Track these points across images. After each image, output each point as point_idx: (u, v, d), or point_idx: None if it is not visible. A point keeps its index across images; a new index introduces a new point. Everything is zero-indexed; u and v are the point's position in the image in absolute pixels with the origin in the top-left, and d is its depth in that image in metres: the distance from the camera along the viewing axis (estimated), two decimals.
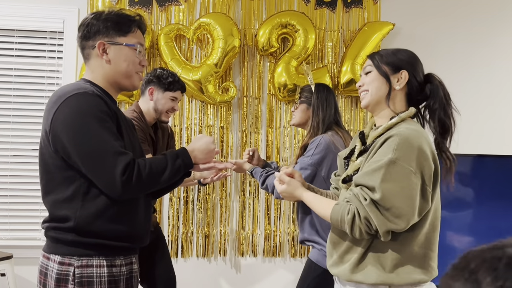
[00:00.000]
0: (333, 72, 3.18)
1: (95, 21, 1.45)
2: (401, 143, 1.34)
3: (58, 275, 1.36)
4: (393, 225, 1.32)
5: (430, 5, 3.27)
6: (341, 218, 1.37)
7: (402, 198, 1.32)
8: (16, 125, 3.11)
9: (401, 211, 1.32)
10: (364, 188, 1.36)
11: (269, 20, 3.07)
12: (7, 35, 3.11)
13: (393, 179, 1.32)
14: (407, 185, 1.32)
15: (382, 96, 1.49)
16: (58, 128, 1.36)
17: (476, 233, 2.94)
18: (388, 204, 1.31)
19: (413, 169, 1.33)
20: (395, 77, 1.48)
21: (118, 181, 1.31)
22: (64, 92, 1.39)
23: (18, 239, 3.07)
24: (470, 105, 3.25)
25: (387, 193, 1.31)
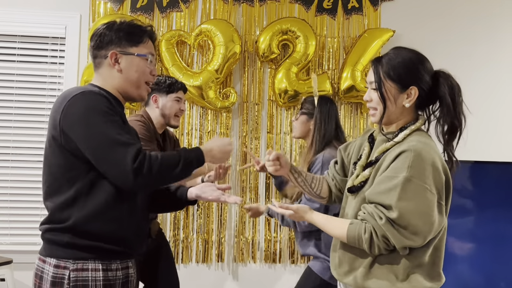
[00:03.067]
0: (333, 78, 3.19)
1: (108, 31, 1.48)
2: (415, 160, 1.32)
3: (53, 278, 1.36)
4: (410, 241, 1.33)
5: (430, 13, 3.28)
6: (358, 237, 1.37)
7: (418, 216, 1.31)
8: (18, 130, 3.12)
9: (418, 229, 1.32)
10: (379, 206, 1.35)
11: (269, 26, 3.09)
12: (9, 40, 3.13)
13: (409, 198, 1.31)
14: (423, 203, 1.32)
15: (392, 113, 1.45)
16: (67, 125, 1.36)
17: (477, 240, 2.93)
18: (404, 222, 1.31)
19: (428, 186, 1.32)
20: (404, 95, 1.43)
21: (130, 169, 1.30)
22: (70, 92, 1.42)
23: (18, 244, 3.07)
24: (470, 111, 3.25)
25: (403, 212, 1.31)
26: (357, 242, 1.38)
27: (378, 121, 1.47)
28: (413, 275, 1.39)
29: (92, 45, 1.51)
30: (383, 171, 1.38)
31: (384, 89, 1.43)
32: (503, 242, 2.92)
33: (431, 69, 1.49)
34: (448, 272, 2.87)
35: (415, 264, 1.39)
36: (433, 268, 1.42)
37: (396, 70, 1.43)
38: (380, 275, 1.40)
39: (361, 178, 1.46)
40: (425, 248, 1.39)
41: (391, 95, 1.43)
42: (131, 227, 1.44)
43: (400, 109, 1.45)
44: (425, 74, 1.46)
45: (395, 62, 1.44)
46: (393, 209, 1.32)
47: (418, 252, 1.39)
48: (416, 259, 1.39)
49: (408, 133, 1.42)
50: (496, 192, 2.95)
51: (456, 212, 2.93)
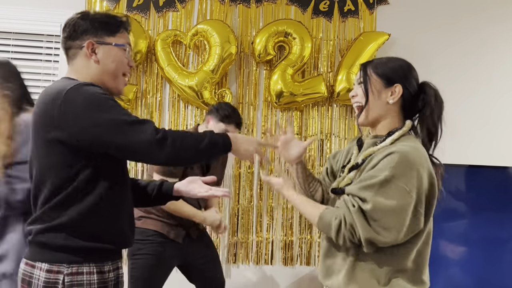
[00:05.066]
0: (328, 80, 3.20)
1: (82, 21, 1.43)
2: (400, 161, 1.33)
3: (45, 283, 1.31)
4: (378, 235, 1.32)
5: (426, 16, 3.30)
6: (329, 223, 1.38)
7: (391, 214, 1.31)
8: None
9: (388, 225, 1.32)
10: (355, 197, 1.36)
11: (266, 28, 3.09)
12: (3, 37, 3.11)
13: (386, 196, 1.32)
14: (399, 204, 1.32)
15: (375, 108, 1.48)
16: (69, 121, 1.30)
17: (469, 244, 2.94)
18: (376, 216, 1.32)
19: (408, 189, 1.32)
20: (388, 91, 1.47)
21: (154, 141, 1.28)
22: (59, 88, 1.34)
23: None
24: (465, 115, 3.27)
25: (377, 206, 1.32)
26: (326, 228, 1.39)
27: (363, 120, 1.49)
28: (395, 279, 1.38)
29: (66, 36, 1.45)
30: (367, 171, 1.39)
31: (369, 83, 1.47)
32: (496, 246, 2.93)
33: (418, 78, 1.54)
34: (440, 275, 2.89)
35: (397, 268, 1.39)
36: (416, 274, 1.41)
37: (383, 68, 1.48)
38: (361, 280, 1.39)
39: (347, 181, 1.46)
40: (407, 253, 1.39)
41: (375, 89, 1.46)
42: (126, 220, 1.44)
43: (383, 106, 1.47)
44: (411, 78, 1.50)
45: (384, 61, 1.52)
46: (368, 202, 1.32)
47: (400, 256, 1.39)
48: (399, 264, 1.39)
49: (396, 138, 1.43)
50: (490, 196, 2.96)
51: (450, 215, 2.95)
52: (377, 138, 1.49)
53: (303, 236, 3.16)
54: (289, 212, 3.16)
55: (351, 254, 1.41)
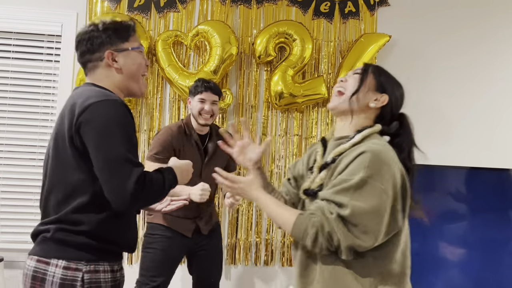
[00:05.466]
0: (329, 82, 3.20)
1: (97, 33, 1.46)
2: (372, 161, 1.31)
3: (62, 280, 1.32)
4: (358, 241, 1.29)
5: (426, 18, 3.30)
6: (304, 231, 1.31)
7: (370, 216, 1.28)
8: (11, 127, 3.10)
9: (368, 229, 1.28)
10: (331, 203, 1.32)
11: (267, 29, 3.09)
12: (4, 37, 3.11)
13: (363, 198, 1.28)
14: (377, 204, 1.29)
15: (356, 102, 1.45)
16: (86, 129, 1.35)
17: (468, 246, 2.94)
18: (355, 220, 1.28)
19: (384, 187, 1.29)
20: (375, 95, 1.46)
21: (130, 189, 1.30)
22: (90, 96, 1.39)
23: (9, 242, 3.04)
24: (465, 117, 3.27)
25: (356, 210, 1.28)
26: (301, 235, 1.32)
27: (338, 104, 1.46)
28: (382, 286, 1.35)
29: (83, 51, 1.48)
30: (339, 172, 1.36)
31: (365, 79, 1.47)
32: (496, 247, 2.93)
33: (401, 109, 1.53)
34: (438, 278, 2.88)
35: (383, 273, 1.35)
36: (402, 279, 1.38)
37: (382, 75, 1.49)
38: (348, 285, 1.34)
39: (319, 181, 1.42)
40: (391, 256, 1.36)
41: (367, 86, 1.46)
42: (135, 226, 1.51)
43: (363, 105, 1.45)
44: (399, 103, 1.50)
45: (384, 69, 1.52)
46: (345, 207, 1.28)
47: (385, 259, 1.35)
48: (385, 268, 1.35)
49: (365, 135, 1.41)
50: (490, 198, 2.96)
51: (450, 217, 2.95)
52: (343, 139, 1.45)
53: None
54: None
55: (330, 262, 1.36)
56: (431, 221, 2.94)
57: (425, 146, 3.31)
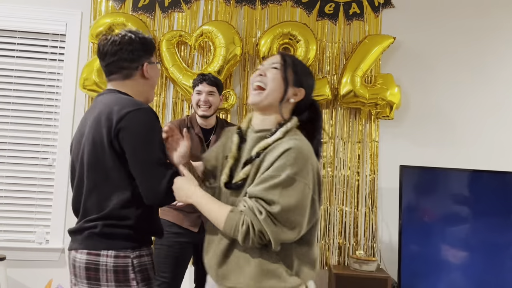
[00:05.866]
0: (332, 83, 3.20)
1: (137, 45, 1.62)
2: (297, 158, 1.36)
3: (115, 267, 1.50)
4: (287, 236, 1.36)
5: (431, 20, 3.30)
6: (235, 228, 1.37)
7: (297, 212, 1.35)
8: (15, 126, 3.10)
9: (295, 224, 1.35)
10: (260, 200, 1.35)
11: (271, 29, 3.09)
12: (9, 35, 3.11)
13: (291, 194, 1.34)
14: (302, 199, 1.36)
15: (275, 100, 1.48)
16: (124, 135, 1.49)
17: (472, 249, 2.93)
18: (284, 217, 1.34)
19: (307, 182, 1.37)
20: (293, 90, 1.49)
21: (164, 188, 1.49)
22: (125, 104, 1.52)
23: (12, 241, 3.04)
24: (469, 119, 3.27)
25: (285, 207, 1.33)
26: (232, 232, 1.37)
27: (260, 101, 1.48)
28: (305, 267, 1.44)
29: (123, 58, 1.61)
30: (265, 168, 1.39)
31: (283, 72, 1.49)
32: (498, 251, 2.92)
33: None
34: (441, 281, 2.88)
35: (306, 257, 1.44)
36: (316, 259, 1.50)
37: (298, 67, 1.52)
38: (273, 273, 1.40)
39: (242, 175, 1.44)
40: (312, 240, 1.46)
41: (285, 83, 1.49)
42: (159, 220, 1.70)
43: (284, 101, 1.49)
44: (312, 92, 1.56)
45: (299, 61, 1.55)
46: (275, 204, 1.33)
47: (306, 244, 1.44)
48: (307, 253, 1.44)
49: (287, 130, 1.45)
50: (493, 201, 2.95)
51: (453, 220, 2.94)
52: (264, 132, 1.48)
53: None
54: None
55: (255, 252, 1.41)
56: (434, 223, 2.93)
57: (428, 148, 3.31)
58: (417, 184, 2.98)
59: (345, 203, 3.17)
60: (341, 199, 3.17)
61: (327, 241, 3.16)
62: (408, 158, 3.20)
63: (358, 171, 3.19)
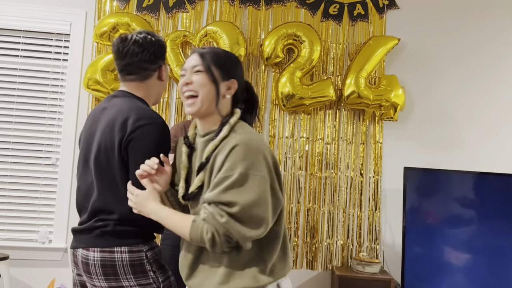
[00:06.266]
0: (337, 84, 3.19)
1: (156, 46, 1.67)
2: (246, 152, 1.33)
3: (131, 261, 1.56)
4: (253, 231, 1.33)
5: (436, 22, 3.29)
6: (201, 237, 1.34)
7: (259, 206, 1.32)
8: (19, 125, 3.10)
9: (260, 219, 1.33)
10: (219, 205, 1.33)
11: (275, 30, 3.09)
12: (13, 35, 3.12)
13: (248, 190, 1.32)
14: (261, 192, 1.33)
15: (211, 103, 1.45)
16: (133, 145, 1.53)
17: (476, 251, 2.92)
18: (247, 215, 1.31)
19: (262, 173, 1.34)
20: (225, 85, 1.46)
21: None
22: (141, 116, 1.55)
23: (15, 240, 3.05)
24: (474, 121, 3.25)
25: (245, 205, 1.31)
26: (199, 242, 1.36)
27: (198, 109, 1.44)
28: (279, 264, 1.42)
29: (145, 59, 1.64)
30: (217, 170, 1.36)
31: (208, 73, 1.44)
32: (501, 254, 2.91)
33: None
34: (443, 283, 2.87)
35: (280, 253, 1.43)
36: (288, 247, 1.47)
37: (221, 59, 1.47)
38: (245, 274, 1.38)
39: (197, 182, 1.42)
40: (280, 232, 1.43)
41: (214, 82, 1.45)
42: None
43: (220, 98, 1.46)
44: (241, 73, 1.52)
45: (219, 52, 1.49)
46: (234, 205, 1.31)
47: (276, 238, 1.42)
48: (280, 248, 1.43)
49: (230, 126, 1.42)
50: (498, 203, 2.94)
51: (458, 222, 2.93)
52: (210, 134, 1.47)
53: (308, 240, 3.14)
54: (295, 216, 3.15)
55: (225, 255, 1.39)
56: (438, 226, 2.92)
57: (432, 150, 3.30)
58: (421, 186, 2.97)
59: (348, 205, 3.17)
60: (344, 200, 3.16)
61: (330, 242, 3.15)
62: (412, 160, 3.19)
63: (361, 172, 3.18)
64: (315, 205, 3.16)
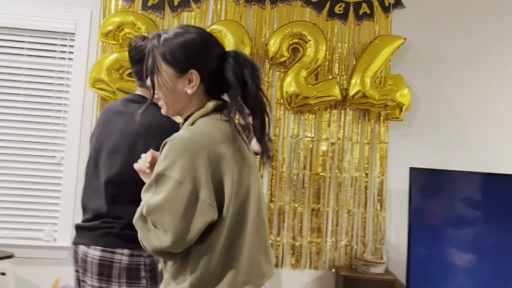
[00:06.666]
0: (342, 84, 3.18)
1: None
2: (170, 151, 1.16)
3: (129, 265, 1.57)
4: (159, 242, 1.15)
5: (442, 21, 3.26)
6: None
7: (163, 214, 1.14)
8: (24, 124, 3.11)
9: (164, 227, 1.14)
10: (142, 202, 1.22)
11: (280, 29, 3.07)
12: (18, 34, 3.12)
13: (159, 192, 1.15)
14: (169, 197, 1.13)
15: (176, 103, 1.28)
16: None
17: (483, 253, 2.91)
18: (153, 219, 1.16)
19: (180, 178, 1.13)
20: (183, 81, 1.25)
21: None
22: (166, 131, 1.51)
23: (20, 238, 3.05)
24: (482, 122, 3.23)
25: (151, 208, 1.15)
26: None
27: (166, 112, 1.31)
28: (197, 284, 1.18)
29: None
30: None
31: (160, 74, 1.26)
32: (507, 255, 2.89)
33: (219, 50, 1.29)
34: (448, 284, 2.85)
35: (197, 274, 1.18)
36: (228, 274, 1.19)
37: (174, 52, 1.25)
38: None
39: None
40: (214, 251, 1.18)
41: (169, 80, 1.26)
42: None
43: (183, 97, 1.27)
44: (208, 55, 1.26)
45: (173, 43, 1.26)
46: (145, 206, 1.17)
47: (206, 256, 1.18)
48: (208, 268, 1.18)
49: (191, 122, 1.24)
50: (504, 204, 2.92)
51: (465, 224, 2.92)
52: None
53: (312, 240, 3.14)
54: (299, 216, 3.14)
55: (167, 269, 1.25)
56: (444, 226, 2.91)
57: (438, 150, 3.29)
58: (427, 186, 2.96)
59: (353, 205, 3.15)
60: (349, 200, 3.15)
61: (334, 242, 3.14)
62: (417, 160, 3.18)
63: (366, 172, 3.17)
64: (319, 205, 3.15)
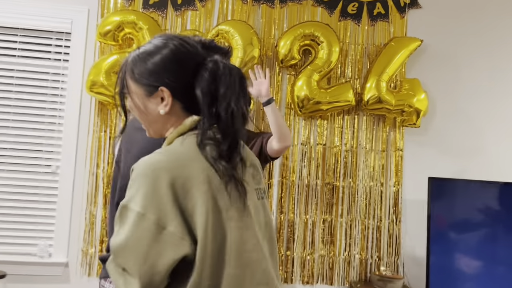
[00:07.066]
0: (355, 88, 3.01)
1: None
2: (134, 178, 1.03)
3: None
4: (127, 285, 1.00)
5: (460, 22, 3.11)
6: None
7: (128, 253, 0.99)
8: (15, 130, 2.89)
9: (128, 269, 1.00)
10: None
11: (291, 30, 2.89)
12: (10, 33, 2.90)
13: (123, 228, 1.01)
14: (135, 233, 0.99)
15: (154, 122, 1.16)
16: None
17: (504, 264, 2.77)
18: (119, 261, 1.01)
19: (143, 210, 0.99)
20: (155, 99, 1.13)
21: None
22: None
23: (12, 253, 2.83)
24: (501, 128, 3.09)
25: (115, 248, 1.01)
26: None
27: (149, 134, 1.20)
28: None
29: None
30: None
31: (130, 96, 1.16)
32: None
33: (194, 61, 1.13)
34: None
35: None
36: None
37: (139, 69, 1.13)
38: None
39: None
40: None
41: (139, 102, 1.14)
42: None
43: (158, 117, 1.14)
44: (180, 69, 1.12)
45: (140, 59, 1.15)
46: (110, 247, 1.03)
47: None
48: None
49: (167, 143, 1.13)
50: None
51: (485, 235, 2.77)
52: None
53: (324, 253, 2.97)
54: (310, 227, 2.97)
55: None
56: (465, 239, 2.76)
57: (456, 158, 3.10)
58: (446, 196, 2.80)
59: (367, 216, 2.99)
60: (363, 211, 2.99)
61: (348, 255, 2.97)
62: (434, 169, 3.02)
63: (381, 181, 3.00)
64: (332, 216, 2.98)
